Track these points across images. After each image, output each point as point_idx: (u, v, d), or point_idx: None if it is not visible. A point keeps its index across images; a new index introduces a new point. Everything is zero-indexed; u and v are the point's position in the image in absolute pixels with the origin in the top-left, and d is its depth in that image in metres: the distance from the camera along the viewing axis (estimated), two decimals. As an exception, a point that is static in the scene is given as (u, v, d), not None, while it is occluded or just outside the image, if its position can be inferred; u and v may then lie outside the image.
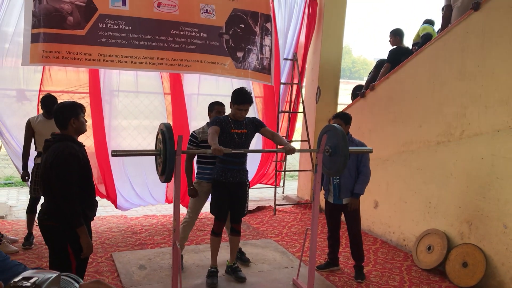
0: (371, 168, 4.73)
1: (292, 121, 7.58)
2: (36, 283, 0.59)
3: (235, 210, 4.38)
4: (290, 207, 7.40)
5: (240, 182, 4.28)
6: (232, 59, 5.96)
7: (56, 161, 2.91)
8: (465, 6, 5.29)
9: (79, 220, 2.96)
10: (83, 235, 2.98)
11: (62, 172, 2.90)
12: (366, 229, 6.20)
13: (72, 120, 3.04)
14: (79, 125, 3.10)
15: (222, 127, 4.07)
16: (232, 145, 4.08)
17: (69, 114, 3.04)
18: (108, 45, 5.28)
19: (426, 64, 5.37)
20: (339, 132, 3.80)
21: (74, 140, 3.08)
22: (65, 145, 2.97)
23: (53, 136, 3.08)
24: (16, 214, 6.38)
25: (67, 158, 2.92)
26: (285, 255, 5.22)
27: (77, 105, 3.16)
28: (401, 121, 5.70)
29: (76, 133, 3.11)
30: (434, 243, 4.99)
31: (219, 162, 4.24)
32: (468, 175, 4.78)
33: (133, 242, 5.42)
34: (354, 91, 7.13)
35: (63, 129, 3.07)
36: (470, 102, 4.79)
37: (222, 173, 4.21)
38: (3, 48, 5.55)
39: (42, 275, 0.61)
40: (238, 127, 4.13)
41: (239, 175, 4.26)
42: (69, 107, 3.09)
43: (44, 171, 3.00)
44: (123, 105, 6.17)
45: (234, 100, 4.07)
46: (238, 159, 4.22)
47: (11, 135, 5.62)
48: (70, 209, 2.93)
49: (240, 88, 4.15)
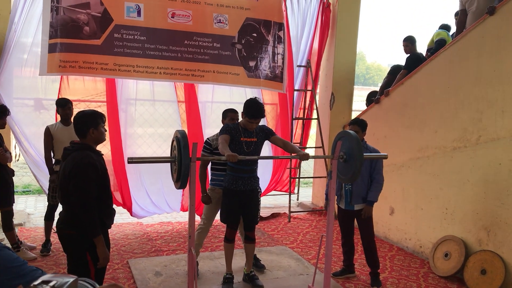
0: (386, 174, 4.69)
1: (306, 128, 7.58)
2: (55, 287, 0.61)
3: (248, 217, 4.36)
4: (305, 214, 7.37)
5: (251, 190, 4.26)
6: (244, 69, 6.01)
7: (74, 171, 2.93)
8: (480, 11, 5.26)
9: (96, 230, 2.96)
10: (100, 245, 2.99)
11: (80, 182, 2.92)
12: (382, 236, 6.15)
13: (91, 130, 3.06)
14: (98, 135, 3.11)
15: (232, 135, 4.07)
16: (241, 153, 4.06)
17: (88, 124, 3.06)
18: (124, 55, 5.36)
19: (441, 69, 5.33)
20: (353, 138, 3.79)
21: (92, 149, 3.09)
22: (83, 154, 2.99)
23: (72, 144, 3.11)
24: (34, 221, 6.46)
25: (85, 168, 2.94)
26: (300, 262, 5.20)
27: (97, 115, 3.15)
28: (416, 126, 5.66)
29: (94, 142, 3.13)
30: (452, 250, 4.93)
31: (230, 170, 4.23)
32: (485, 181, 4.72)
33: (149, 249, 5.45)
34: (369, 97, 7.11)
35: (82, 138, 3.09)
36: (486, 107, 4.74)
37: (233, 182, 4.20)
38: (21, 58, 5.66)
39: (60, 279, 0.63)
40: (248, 135, 4.12)
41: (250, 183, 4.24)
42: (88, 117, 3.10)
43: (62, 180, 3.02)
44: (139, 113, 6.24)
45: (246, 112, 4.05)
46: (248, 167, 4.20)
47: (29, 144, 5.71)
48: (87, 219, 2.94)
49: (252, 100, 4.11)
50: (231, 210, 4.28)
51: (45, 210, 5.23)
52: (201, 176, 4.58)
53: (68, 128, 4.94)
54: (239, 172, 4.17)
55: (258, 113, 4.02)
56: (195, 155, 3.42)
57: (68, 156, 3.05)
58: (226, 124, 4.22)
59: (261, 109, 4.04)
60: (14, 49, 5.51)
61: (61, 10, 5.09)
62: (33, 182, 8.58)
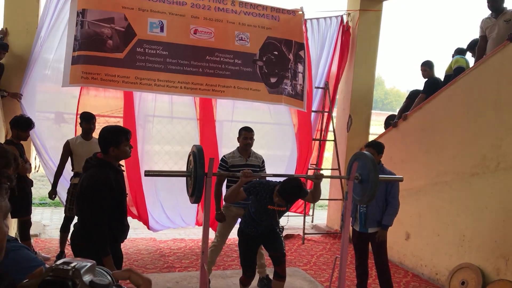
0: (403, 199, 4.65)
1: (321, 150, 7.57)
2: (76, 267, 0.63)
3: (273, 249, 4.01)
4: (319, 236, 7.31)
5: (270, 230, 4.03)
6: (265, 85, 6.04)
7: (89, 189, 2.93)
8: (500, 37, 5.24)
9: (105, 250, 2.95)
10: (108, 265, 2.93)
11: (94, 201, 2.91)
12: (397, 261, 6.04)
13: (111, 149, 3.02)
14: (119, 153, 3.05)
15: (258, 198, 3.80)
16: (262, 220, 3.88)
17: (110, 142, 3.02)
18: (145, 68, 5.44)
19: (460, 95, 5.31)
20: (369, 159, 3.78)
21: (112, 167, 3.06)
22: (101, 173, 2.97)
23: (94, 158, 3.08)
24: (49, 233, 6.53)
25: (101, 188, 2.92)
26: (313, 284, 5.13)
27: (121, 132, 3.08)
28: (434, 151, 5.61)
29: (116, 159, 3.09)
30: (468, 278, 4.81)
31: (249, 217, 3.97)
32: (504, 208, 4.63)
33: (161, 265, 5.45)
34: (387, 121, 7.09)
35: (104, 154, 3.07)
36: (506, 134, 4.68)
37: (249, 226, 3.97)
38: (44, 74, 5.81)
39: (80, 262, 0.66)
40: (278, 204, 3.78)
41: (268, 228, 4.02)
42: (111, 134, 3.05)
43: (79, 194, 3.02)
44: (157, 130, 6.31)
45: (280, 191, 3.63)
46: (268, 223, 3.94)
47: (49, 156, 5.81)
48: (98, 239, 2.94)
49: (293, 183, 3.67)
50: (248, 256, 4.06)
51: (60, 222, 5.29)
52: (216, 193, 4.59)
53: (88, 143, 5.02)
54: (258, 225, 3.95)
55: (292, 198, 3.71)
56: (211, 170, 3.45)
57: (87, 169, 3.05)
58: (260, 182, 3.87)
59: (296, 195, 3.67)
60: (38, 64, 5.66)
61: (86, 24, 5.23)
62: (50, 195, 8.68)
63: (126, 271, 0.70)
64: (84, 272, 0.64)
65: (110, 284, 0.65)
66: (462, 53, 6.55)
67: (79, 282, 0.62)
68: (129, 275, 0.70)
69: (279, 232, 4.10)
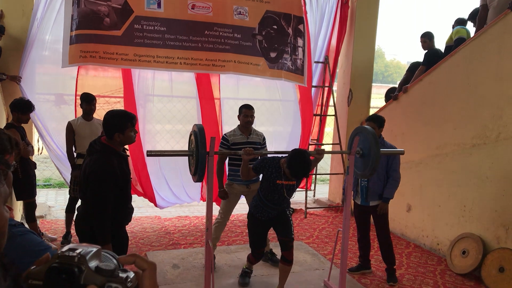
0: (404, 171, 4.68)
1: (322, 125, 7.57)
2: (81, 254, 0.65)
3: (282, 233, 3.98)
4: (321, 210, 7.38)
5: (279, 213, 3.98)
6: (265, 60, 6.00)
7: (92, 177, 2.91)
8: (501, 6, 5.18)
9: (105, 238, 2.94)
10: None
11: (97, 190, 2.91)
12: (399, 233, 6.12)
13: (116, 134, 2.99)
14: (124, 139, 3.03)
15: (266, 175, 3.76)
16: (275, 197, 3.80)
17: (115, 128, 2.98)
18: (144, 45, 5.38)
19: (461, 66, 5.28)
20: (370, 133, 3.79)
21: (116, 153, 3.03)
22: (104, 159, 2.94)
23: (98, 143, 3.04)
24: (55, 214, 6.61)
25: (104, 177, 2.90)
26: (316, 257, 5.21)
27: (126, 118, 3.03)
28: (434, 123, 5.62)
29: (120, 144, 3.06)
30: (469, 248, 4.89)
31: (259, 200, 3.91)
32: (504, 178, 4.67)
33: (167, 242, 5.53)
34: (387, 94, 7.07)
35: (109, 139, 3.03)
36: (507, 104, 4.68)
37: (259, 210, 3.92)
38: (42, 55, 5.78)
39: (86, 248, 0.67)
40: (287, 179, 3.74)
41: (279, 212, 3.96)
42: (116, 120, 3.00)
43: (83, 179, 3.01)
44: (157, 109, 6.31)
45: (289, 165, 3.55)
46: (279, 206, 3.88)
47: (51, 138, 5.83)
48: (98, 227, 2.94)
49: (301, 154, 3.57)
50: (256, 237, 4.06)
51: (65, 203, 5.34)
52: (219, 171, 4.62)
53: (90, 123, 5.03)
54: (269, 208, 3.89)
55: (303, 173, 3.60)
56: (213, 149, 3.47)
57: (92, 154, 3.02)
58: (264, 159, 3.83)
59: (307, 170, 3.57)
60: (35, 46, 5.62)
61: (82, 2, 5.17)
62: (53, 176, 8.76)
63: (131, 256, 0.73)
64: (89, 258, 0.66)
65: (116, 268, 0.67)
66: (463, 24, 6.48)
67: (85, 268, 0.64)
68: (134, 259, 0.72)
69: (289, 216, 4.03)
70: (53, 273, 0.63)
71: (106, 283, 0.64)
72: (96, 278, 0.64)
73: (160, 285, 4.27)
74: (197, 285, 4.28)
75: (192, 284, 4.34)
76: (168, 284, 4.30)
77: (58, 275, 0.63)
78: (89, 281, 0.63)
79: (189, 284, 4.33)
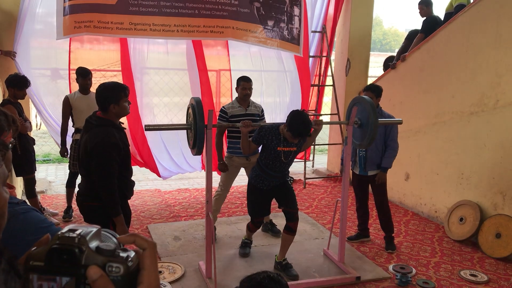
0: (402, 140, 4.69)
1: (320, 95, 7.54)
2: (81, 234, 0.65)
3: (286, 205, 4.03)
4: (320, 180, 7.43)
5: (281, 183, 4.01)
6: (263, 28, 5.91)
7: (96, 150, 2.87)
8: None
9: (117, 210, 2.95)
10: (120, 224, 2.97)
11: (103, 162, 2.88)
12: (397, 201, 6.19)
13: (111, 106, 2.95)
14: (119, 110, 2.98)
15: (267, 143, 3.77)
16: (276, 163, 3.81)
17: (109, 99, 2.94)
18: (139, 13, 5.27)
19: (459, 33, 5.23)
20: (368, 103, 3.79)
21: (114, 125, 3.00)
22: (105, 132, 2.91)
23: (94, 118, 3.01)
24: (55, 189, 6.65)
25: (108, 148, 2.88)
26: (316, 226, 5.28)
27: (119, 88, 3.01)
28: (433, 91, 5.60)
29: (116, 116, 3.02)
30: (467, 215, 4.95)
31: (259, 170, 3.91)
32: (502, 146, 4.69)
33: (168, 215, 5.59)
34: (386, 62, 7.02)
35: (104, 112, 2.99)
36: (505, 71, 4.66)
37: (260, 180, 3.93)
38: (36, 29, 5.69)
39: (85, 228, 0.68)
40: (287, 145, 3.76)
41: (280, 180, 3.99)
42: (110, 91, 2.96)
43: (84, 155, 2.97)
44: (154, 83, 6.27)
45: (290, 127, 3.58)
46: (280, 173, 3.90)
47: (48, 113, 5.81)
48: (109, 199, 2.93)
49: (300, 114, 3.61)
50: (257, 205, 4.07)
51: (65, 178, 5.37)
52: (218, 144, 4.63)
53: (87, 97, 5.00)
54: (270, 177, 3.90)
55: (305, 132, 3.62)
56: (211, 122, 3.47)
57: (89, 129, 2.97)
58: (262, 128, 3.84)
59: (308, 128, 3.61)
60: (29, 20, 5.53)
61: None
62: (52, 151, 8.78)
63: (131, 236, 0.73)
64: (90, 239, 0.66)
65: (117, 247, 0.68)
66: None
67: (86, 249, 0.64)
68: (134, 239, 0.73)
69: (291, 186, 4.10)
70: (54, 254, 0.64)
71: (107, 262, 0.65)
72: (97, 258, 0.65)
73: (162, 257, 4.34)
74: (198, 256, 4.34)
75: (194, 255, 4.40)
76: (170, 256, 4.37)
77: (59, 256, 0.64)
78: (90, 261, 0.64)
79: (191, 256, 4.40)
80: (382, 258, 4.53)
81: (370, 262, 4.40)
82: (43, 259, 0.64)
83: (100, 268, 0.64)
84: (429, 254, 4.64)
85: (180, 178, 7.18)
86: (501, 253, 4.49)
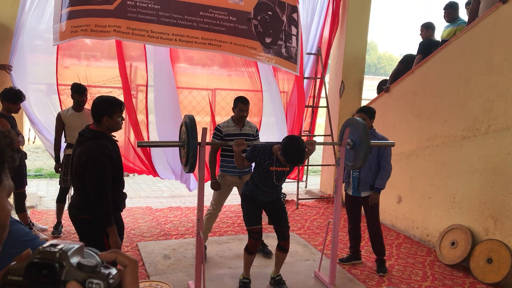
0: (395, 163, 4.71)
1: (314, 116, 7.58)
2: (63, 249, 0.64)
3: (277, 223, 4.04)
4: (313, 201, 7.41)
5: (273, 199, 4.02)
6: (261, 44, 5.94)
7: (90, 162, 2.89)
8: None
9: (110, 220, 2.96)
10: (113, 234, 2.98)
11: (96, 174, 2.90)
12: (389, 224, 6.17)
13: (105, 118, 2.99)
14: (112, 124, 3.03)
15: (259, 162, 3.80)
16: (268, 183, 3.83)
17: (103, 111, 2.99)
18: (137, 20, 5.23)
19: (452, 58, 5.30)
20: (360, 125, 3.81)
21: (107, 137, 3.04)
22: (98, 144, 2.95)
23: (87, 131, 3.05)
24: (46, 204, 6.57)
25: (101, 160, 2.91)
26: (307, 248, 5.25)
27: (116, 103, 3.06)
28: (425, 115, 5.65)
29: (108, 130, 3.06)
30: (458, 239, 4.94)
31: (253, 184, 3.93)
32: (494, 170, 4.71)
33: (158, 233, 5.53)
34: (380, 86, 7.08)
35: (97, 124, 3.04)
36: (497, 96, 4.71)
37: (253, 194, 3.95)
38: (33, 44, 5.72)
39: (68, 244, 0.66)
40: (280, 165, 3.79)
41: (273, 196, 4.00)
42: (106, 104, 3.02)
43: (77, 168, 2.98)
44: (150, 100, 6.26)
45: (284, 152, 3.58)
46: (273, 189, 3.91)
47: (42, 128, 5.79)
48: (102, 210, 2.94)
49: (295, 141, 3.60)
50: (252, 211, 4.00)
51: (56, 194, 5.32)
52: (211, 162, 4.62)
53: (80, 114, 4.99)
54: (263, 192, 3.92)
55: (298, 161, 3.66)
56: (205, 140, 3.47)
57: (82, 142, 3.00)
58: (255, 147, 3.85)
59: (302, 157, 3.61)
60: (27, 35, 5.55)
61: None
62: (45, 166, 8.71)
63: (113, 253, 0.72)
64: (71, 254, 0.64)
65: (98, 265, 0.66)
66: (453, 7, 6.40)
67: (66, 264, 0.63)
68: (116, 256, 0.72)
69: (283, 204, 4.11)
70: (34, 268, 0.62)
71: (88, 279, 0.63)
72: (78, 274, 0.63)
73: (151, 276, 4.28)
74: (188, 276, 4.29)
75: (183, 274, 4.35)
76: (159, 275, 4.31)
77: (39, 270, 0.62)
78: (70, 277, 0.62)
79: (180, 275, 4.34)
80: (373, 281, 4.50)
81: (361, 285, 4.36)
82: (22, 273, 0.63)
83: (80, 284, 0.62)
84: (421, 278, 4.61)
85: (172, 196, 7.14)
86: (492, 279, 4.47)
